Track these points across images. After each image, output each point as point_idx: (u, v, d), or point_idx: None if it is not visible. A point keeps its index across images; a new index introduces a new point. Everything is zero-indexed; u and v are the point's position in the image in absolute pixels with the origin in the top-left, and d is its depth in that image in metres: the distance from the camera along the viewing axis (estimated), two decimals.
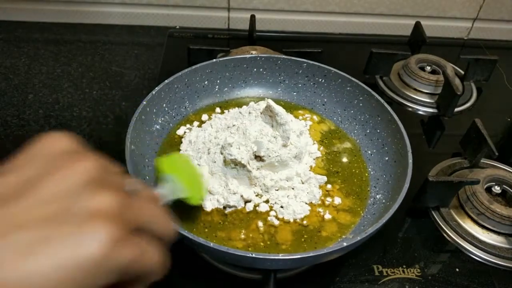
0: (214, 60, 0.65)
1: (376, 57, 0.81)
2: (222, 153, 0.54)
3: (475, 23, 0.99)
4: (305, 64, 0.67)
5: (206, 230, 0.51)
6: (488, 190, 0.62)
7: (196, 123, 0.64)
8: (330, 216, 0.53)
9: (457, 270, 0.56)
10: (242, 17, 0.94)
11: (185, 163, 0.46)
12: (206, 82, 0.66)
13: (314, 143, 0.62)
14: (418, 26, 0.89)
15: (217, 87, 0.67)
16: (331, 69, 0.66)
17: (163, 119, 0.62)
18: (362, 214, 0.54)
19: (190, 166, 0.46)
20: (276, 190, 0.54)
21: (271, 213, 0.53)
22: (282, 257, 0.42)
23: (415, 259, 0.57)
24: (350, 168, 0.60)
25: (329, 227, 0.52)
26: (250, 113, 0.59)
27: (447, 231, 0.60)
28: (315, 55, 0.79)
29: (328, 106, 0.67)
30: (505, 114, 0.82)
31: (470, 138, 0.68)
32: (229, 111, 0.65)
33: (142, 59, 0.87)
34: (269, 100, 0.55)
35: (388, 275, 0.54)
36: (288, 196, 0.54)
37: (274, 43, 0.84)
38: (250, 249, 0.49)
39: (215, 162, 0.54)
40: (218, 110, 0.66)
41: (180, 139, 0.61)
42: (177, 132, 0.62)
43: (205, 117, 0.65)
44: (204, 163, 0.55)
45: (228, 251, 0.41)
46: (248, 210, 0.53)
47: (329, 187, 0.56)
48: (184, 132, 0.62)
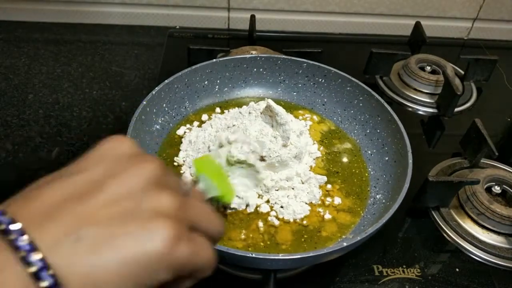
0: (214, 60, 0.65)
1: (376, 57, 0.81)
2: (230, 151, 0.51)
3: (475, 23, 0.99)
4: (305, 64, 0.67)
5: None
6: (488, 190, 0.62)
7: (196, 123, 0.64)
8: (330, 216, 0.53)
9: (457, 270, 0.56)
10: (242, 17, 0.94)
11: (214, 163, 0.47)
12: (206, 82, 0.66)
13: (314, 143, 0.62)
14: (418, 26, 0.89)
15: (217, 87, 0.67)
16: (331, 69, 0.66)
17: (163, 119, 0.62)
18: (362, 214, 0.54)
19: (219, 166, 0.47)
20: (276, 190, 0.54)
21: (272, 213, 0.53)
22: (282, 257, 0.42)
23: (415, 259, 0.57)
24: (350, 168, 0.60)
25: (329, 227, 0.52)
26: (250, 113, 0.59)
27: (447, 231, 0.60)
28: (315, 55, 0.79)
29: (328, 106, 0.67)
30: (505, 114, 0.82)
31: (470, 138, 0.68)
32: (229, 111, 0.65)
33: (142, 59, 0.87)
34: (269, 100, 0.55)
35: (388, 275, 0.54)
36: (288, 196, 0.54)
37: (274, 43, 0.84)
38: (250, 249, 0.49)
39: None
40: (218, 110, 0.66)
41: (180, 139, 0.61)
42: (177, 132, 0.62)
43: (205, 117, 0.65)
44: None
45: (228, 251, 0.41)
46: (249, 211, 0.53)
47: (329, 187, 0.56)
48: (184, 132, 0.62)
